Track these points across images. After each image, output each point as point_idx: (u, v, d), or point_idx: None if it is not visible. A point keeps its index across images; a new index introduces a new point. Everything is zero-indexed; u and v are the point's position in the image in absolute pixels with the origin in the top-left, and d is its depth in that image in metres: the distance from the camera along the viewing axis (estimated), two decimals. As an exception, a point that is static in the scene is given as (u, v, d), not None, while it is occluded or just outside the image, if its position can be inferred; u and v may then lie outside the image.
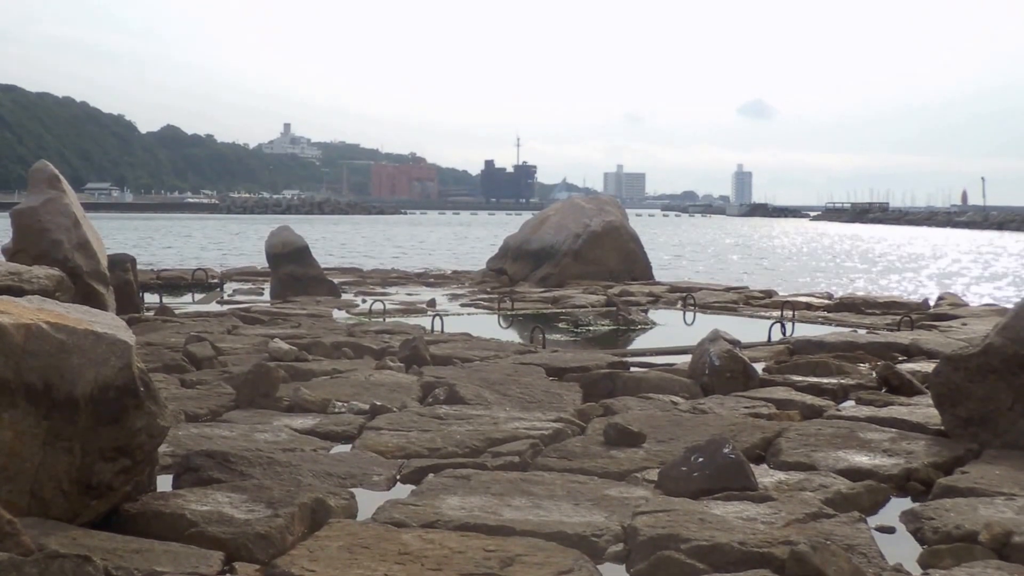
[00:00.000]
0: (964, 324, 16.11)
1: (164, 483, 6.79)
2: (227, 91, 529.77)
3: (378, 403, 9.36)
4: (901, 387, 10.40)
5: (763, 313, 18.79)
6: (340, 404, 9.39)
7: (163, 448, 6.75)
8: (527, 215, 30.51)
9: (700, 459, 6.97)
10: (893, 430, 8.64)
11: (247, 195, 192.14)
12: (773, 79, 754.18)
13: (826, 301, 21.50)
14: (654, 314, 18.95)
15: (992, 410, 8.23)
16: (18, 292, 9.77)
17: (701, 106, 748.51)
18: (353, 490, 6.85)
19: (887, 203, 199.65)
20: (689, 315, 18.58)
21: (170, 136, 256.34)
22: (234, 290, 23.35)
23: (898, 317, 17.49)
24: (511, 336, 15.58)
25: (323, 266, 23.38)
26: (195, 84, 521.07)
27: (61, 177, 15.73)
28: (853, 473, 7.39)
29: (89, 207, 17.00)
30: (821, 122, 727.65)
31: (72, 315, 6.24)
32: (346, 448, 8.14)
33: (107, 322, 6.33)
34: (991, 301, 23.89)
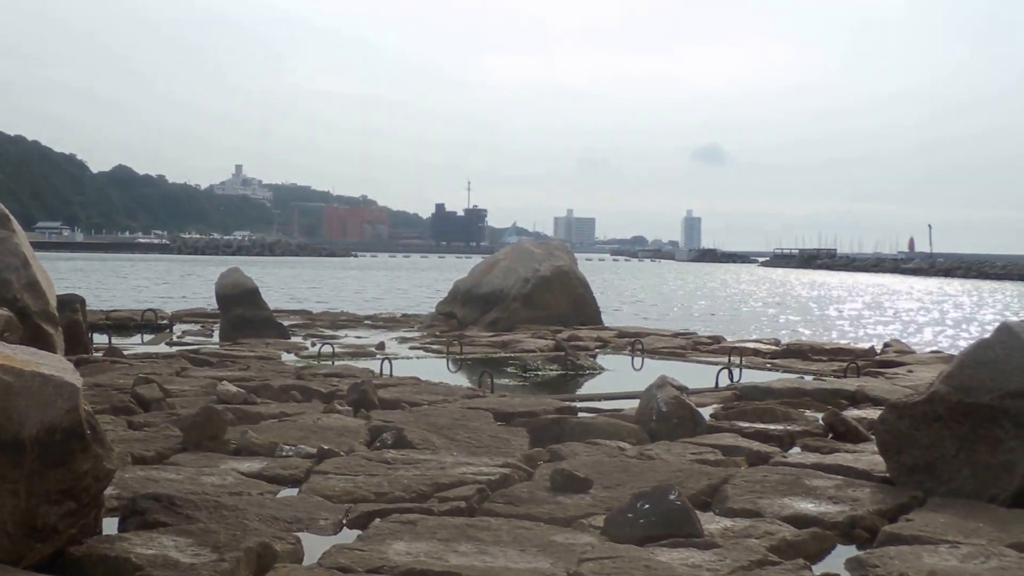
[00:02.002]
0: (910, 371, 16.21)
1: (110, 526, 6.75)
2: (179, 131, 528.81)
3: (325, 447, 9.33)
4: (847, 434, 10.45)
5: (711, 359, 18.84)
6: (287, 448, 9.36)
7: (109, 491, 6.71)
8: (477, 259, 30.49)
9: (646, 506, 6.98)
10: (839, 477, 8.67)
11: (198, 236, 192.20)
12: (730, 124, 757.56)
13: (773, 347, 21.60)
14: (602, 359, 18.99)
15: (937, 458, 8.27)
16: (-36, 333, 9.73)
17: (655, 151, 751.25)
18: (299, 534, 6.82)
19: (835, 249, 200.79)
20: (637, 360, 18.61)
21: (121, 176, 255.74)
22: (183, 331, 23.28)
23: (845, 364, 17.60)
24: (460, 380, 15.56)
25: (273, 308, 23.33)
26: (147, 124, 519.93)
27: (11, 216, 15.66)
28: (799, 520, 7.41)
29: (39, 246, 16.94)
30: (774, 169, 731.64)
31: (20, 356, 6.19)
32: (293, 492, 8.12)
33: (54, 364, 6.30)
34: (937, 348, 24.02)
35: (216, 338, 21.45)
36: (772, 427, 10.93)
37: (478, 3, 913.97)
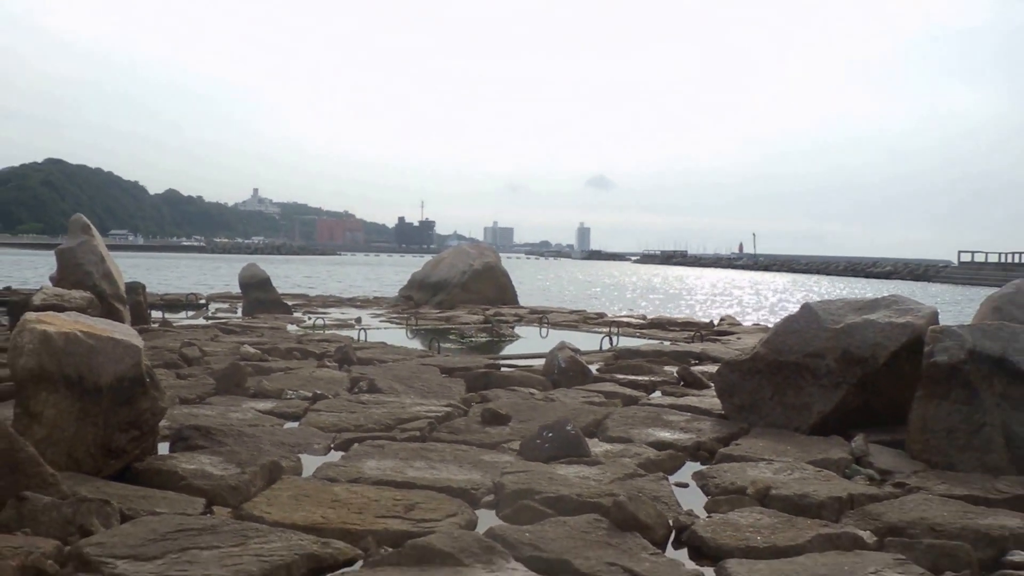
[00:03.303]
0: (739, 338, 16.31)
1: (163, 448, 6.72)
2: (212, 164, 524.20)
3: (318, 392, 9.29)
4: (694, 383, 10.51)
5: (596, 329, 18.86)
6: (291, 392, 9.32)
7: (162, 423, 6.68)
8: (428, 257, 30.33)
9: (550, 434, 7.00)
10: (688, 414, 8.71)
11: (226, 240, 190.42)
12: (614, 159, 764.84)
13: (641, 320, 21.66)
14: (519, 329, 18.97)
15: (758, 399, 8.35)
16: (60, 309, 9.70)
17: (558, 179, 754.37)
18: (299, 455, 6.80)
19: (686, 250, 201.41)
20: (544, 330, 18.60)
21: (171, 197, 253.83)
22: (216, 309, 23.00)
23: (692, 332, 17.71)
24: (415, 344, 15.52)
25: (280, 292, 23.13)
26: (190, 158, 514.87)
27: (91, 225, 15.64)
28: (659, 444, 7.45)
29: (111, 248, 16.76)
30: (644, 192, 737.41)
31: (99, 326, 6.24)
32: (295, 424, 8.07)
33: (123, 331, 6.31)
34: (758, 322, 24.14)
35: (240, 314, 21.23)
36: (640, 378, 10.96)
37: (425, 73, 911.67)
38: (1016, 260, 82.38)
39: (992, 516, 5.46)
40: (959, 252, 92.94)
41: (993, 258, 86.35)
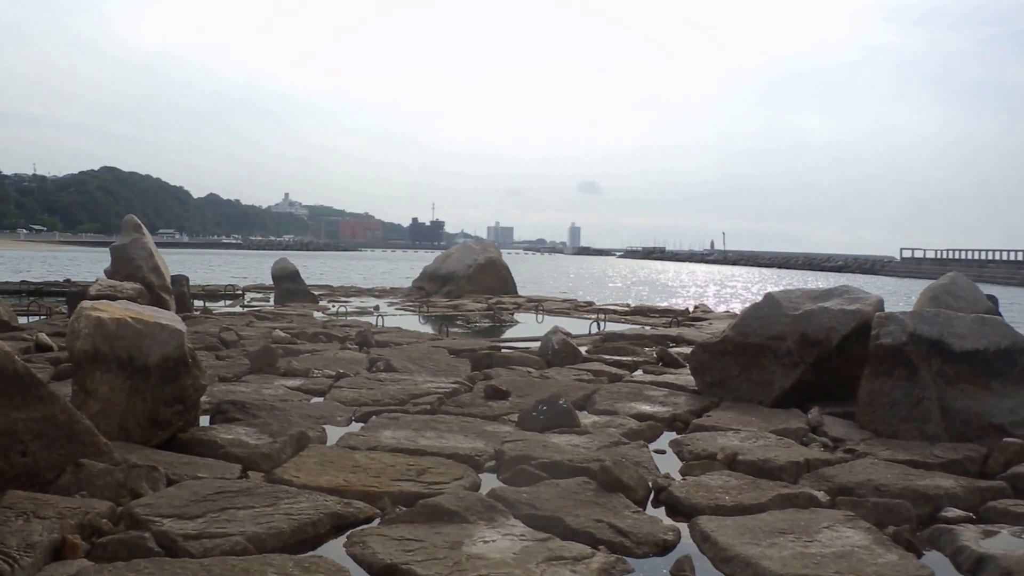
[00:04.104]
0: (711, 324, 16.31)
1: (204, 420, 6.71)
2: (249, 171, 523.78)
3: (341, 371, 9.29)
4: (671, 363, 10.51)
5: (586, 315, 18.86)
6: (317, 371, 9.31)
7: (204, 398, 6.67)
8: (438, 253, 30.40)
9: (544, 407, 7.00)
10: (666, 389, 8.71)
11: (261, 238, 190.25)
12: (604, 166, 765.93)
13: (625, 308, 21.66)
14: (518, 316, 18.97)
15: (727, 377, 8.34)
16: (112, 298, 9.72)
17: (553, 184, 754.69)
18: (324, 426, 6.78)
19: (664, 247, 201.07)
20: (539, 317, 18.60)
21: (212, 200, 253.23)
22: (251, 298, 23.00)
23: (670, 318, 17.71)
24: (427, 329, 15.51)
25: (308, 283, 23.11)
26: (229, 165, 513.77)
27: (141, 224, 15.73)
28: (640, 416, 7.45)
29: (159, 245, 16.76)
30: (629, 195, 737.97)
31: (147, 313, 6.25)
32: (320, 399, 8.05)
33: (169, 318, 6.30)
34: (728, 309, 24.14)
35: (272, 302, 21.23)
36: (624, 358, 10.96)
37: (434, 90, 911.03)
38: (950, 256, 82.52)
39: (929, 478, 5.48)
40: (901, 249, 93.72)
41: (931, 254, 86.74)
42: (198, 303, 18.84)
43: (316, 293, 22.84)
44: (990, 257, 78.81)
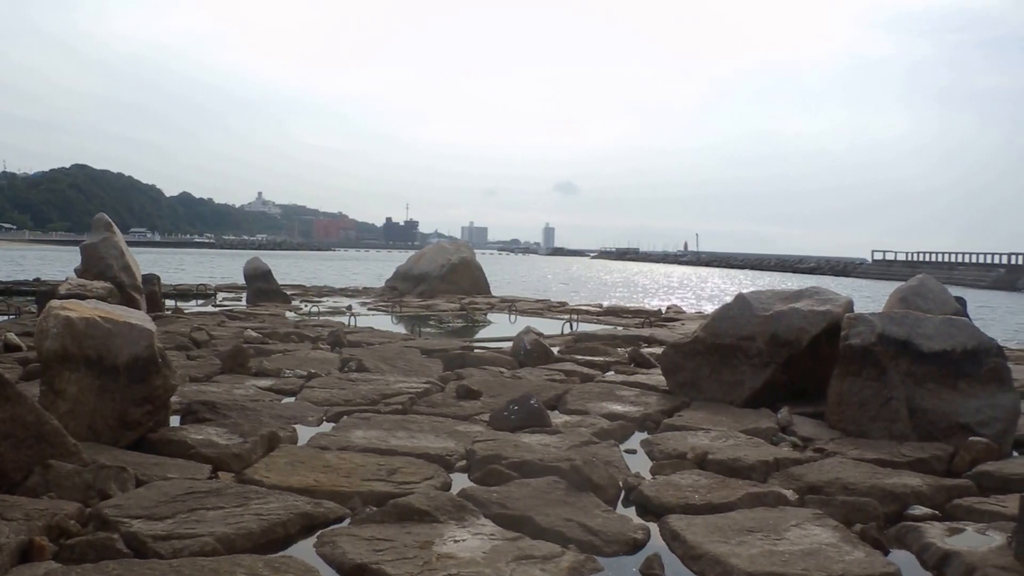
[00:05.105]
0: (683, 324, 16.37)
1: (174, 421, 6.67)
2: (222, 169, 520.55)
3: (312, 371, 9.26)
4: (643, 363, 10.55)
5: (558, 316, 18.87)
6: (288, 371, 9.28)
7: (174, 398, 6.63)
8: (412, 252, 30.35)
9: (516, 407, 7.01)
10: (637, 389, 8.74)
11: (233, 237, 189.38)
12: (581, 167, 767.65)
13: (598, 308, 21.69)
14: (491, 316, 18.97)
15: (698, 377, 8.38)
16: (82, 297, 9.68)
17: (529, 185, 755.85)
18: (295, 426, 6.76)
19: (638, 248, 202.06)
20: (512, 317, 18.61)
21: (185, 199, 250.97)
22: (223, 298, 22.87)
23: (642, 319, 17.76)
24: (399, 329, 15.48)
25: (280, 283, 23.01)
26: (202, 164, 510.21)
27: (113, 224, 15.61)
28: (612, 416, 7.47)
29: (130, 243, 16.64)
30: (605, 196, 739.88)
31: (116, 312, 6.21)
32: (291, 399, 8.03)
33: (139, 317, 6.27)
34: (699, 310, 24.23)
35: (244, 302, 21.14)
36: (596, 358, 10.99)
37: (414, 89, 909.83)
38: (921, 259, 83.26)
39: (897, 476, 5.54)
40: (872, 251, 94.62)
41: (901, 256, 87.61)
42: (169, 303, 18.72)
43: (289, 293, 22.74)
44: (960, 260, 79.68)
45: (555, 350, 11.38)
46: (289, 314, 17.48)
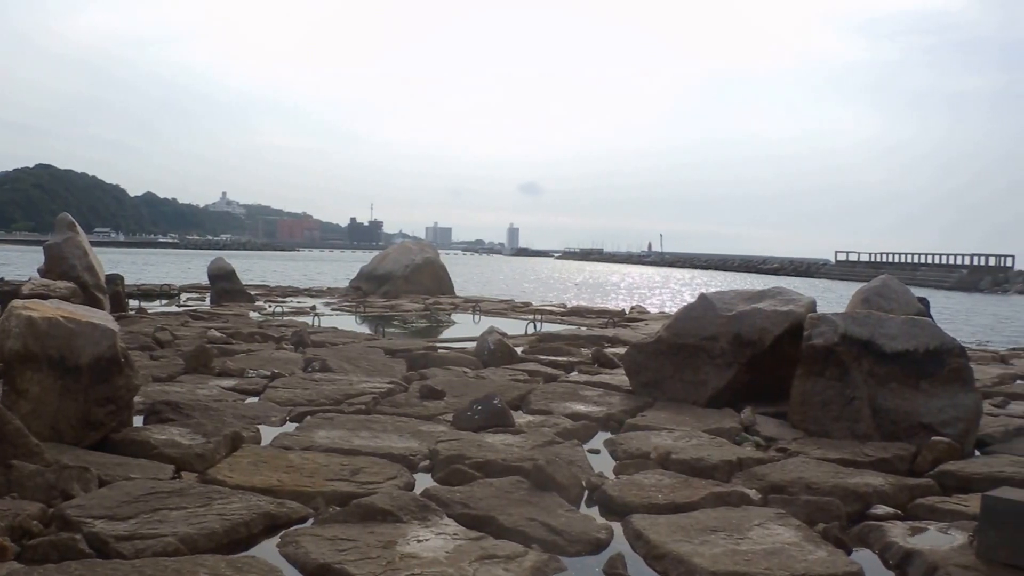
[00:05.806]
0: (646, 324, 16.43)
1: (138, 421, 6.62)
2: (185, 169, 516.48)
3: (276, 371, 9.23)
4: (606, 363, 10.58)
5: (522, 316, 18.89)
6: (252, 371, 9.23)
7: (136, 398, 6.58)
8: (376, 252, 30.23)
9: (479, 407, 7.02)
10: (600, 389, 8.78)
11: (197, 237, 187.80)
12: (546, 168, 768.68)
13: (562, 308, 21.75)
14: (455, 316, 18.96)
15: (661, 377, 8.42)
16: (45, 297, 9.61)
17: (494, 185, 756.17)
18: (259, 426, 6.74)
19: (602, 248, 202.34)
20: (476, 317, 18.61)
21: (149, 199, 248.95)
22: (187, 298, 22.70)
23: (606, 319, 17.82)
24: (363, 329, 15.43)
25: (244, 283, 22.88)
26: (166, 164, 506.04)
27: (76, 223, 15.49)
28: (575, 416, 7.49)
29: (94, 244, 16.50)
30: (569, 197, 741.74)
31: (79, 312, 6.19)
32: (255, 399, 7.99)
33: (102, 317, 6.25)
34: (663, 310, 24.33)
35: (208, 302, 20.99)
36: (560, 358, 11.02)
37: (379, 89, 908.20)
38: (883, 260, 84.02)
39: (859, 476, 5.59)
40: (836, 252, 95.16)
41: (864, 258, 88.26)
42: (133, 303, 18.56)
43: (253, 293, 22.61)
44: (923, 261, 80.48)
45: (519, 350, 11.39)
46: (253, 314, 17.38)
